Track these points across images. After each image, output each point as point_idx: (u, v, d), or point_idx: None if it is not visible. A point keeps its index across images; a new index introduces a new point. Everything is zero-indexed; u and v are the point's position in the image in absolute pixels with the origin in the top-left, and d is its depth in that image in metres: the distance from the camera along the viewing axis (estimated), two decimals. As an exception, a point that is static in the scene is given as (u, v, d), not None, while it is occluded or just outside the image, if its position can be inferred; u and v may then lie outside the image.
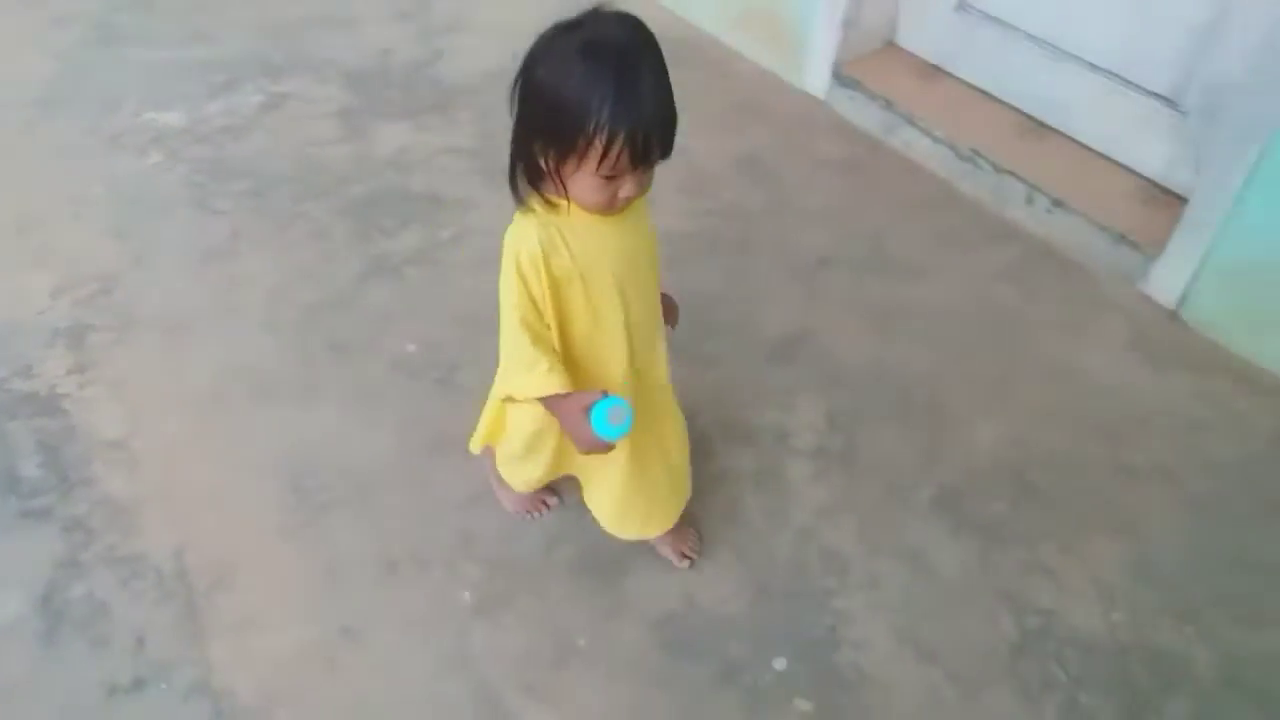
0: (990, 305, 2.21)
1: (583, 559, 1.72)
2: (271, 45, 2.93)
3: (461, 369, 2.01)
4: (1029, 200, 2.37)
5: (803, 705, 1.54)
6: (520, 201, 1.29)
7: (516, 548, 1.74)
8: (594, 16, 1.20)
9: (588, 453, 1.33)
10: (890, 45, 2.79)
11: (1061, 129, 2.48)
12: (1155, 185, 2.33)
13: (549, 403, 1.35)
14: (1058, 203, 2.32)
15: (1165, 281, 2.18)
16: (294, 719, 1.51)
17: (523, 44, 1.19)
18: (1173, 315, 2.18)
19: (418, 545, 1.73)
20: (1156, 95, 2.28)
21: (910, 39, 2.75)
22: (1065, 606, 1.67)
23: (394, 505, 1.79)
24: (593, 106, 1.14)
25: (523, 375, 1.33)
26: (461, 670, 1.57)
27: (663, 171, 1.25)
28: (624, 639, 1.62)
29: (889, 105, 2.60)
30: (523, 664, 1.58)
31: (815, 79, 2.76)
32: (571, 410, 1.31)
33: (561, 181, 1.23)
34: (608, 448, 1.31)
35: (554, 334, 1.36)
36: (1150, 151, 2.33)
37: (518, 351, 1.33)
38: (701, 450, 1.82)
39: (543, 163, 1.23)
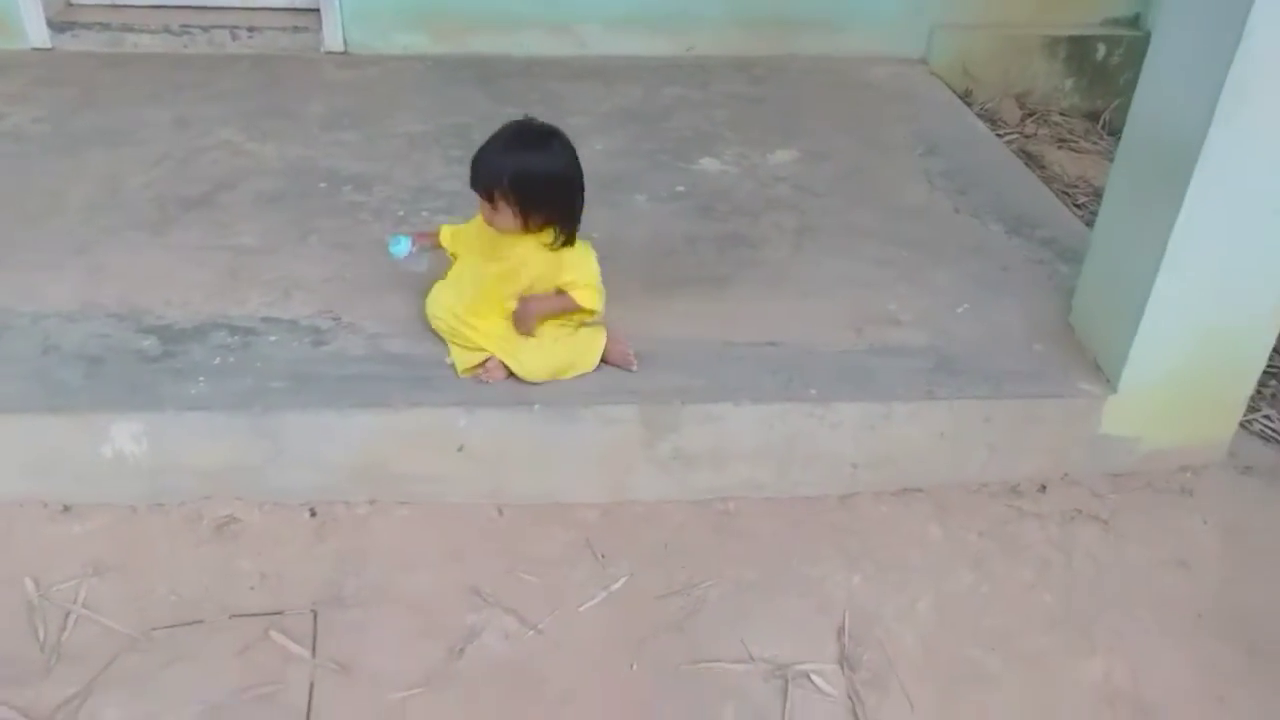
0: (273, 84, 3.60)
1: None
2: None
3: None
4: (234, 37, 3.81)
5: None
6: None
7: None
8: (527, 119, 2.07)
9: None
10: (70, 5, 3.87)
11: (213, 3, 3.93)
12: (293, 9, 3.96)
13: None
14: (252, 29, 3.81)
15: (332, 39, 3.84)
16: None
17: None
18: (345, 53, 3.86)
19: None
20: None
21: (82, -7, 3.88)
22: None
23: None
24: None
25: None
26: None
27: None
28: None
29: (106, 27, 3.74)
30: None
31: (38, 35, 3.71)
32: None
33: None
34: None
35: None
36: (275, -9, 3.95)
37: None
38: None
39: None
